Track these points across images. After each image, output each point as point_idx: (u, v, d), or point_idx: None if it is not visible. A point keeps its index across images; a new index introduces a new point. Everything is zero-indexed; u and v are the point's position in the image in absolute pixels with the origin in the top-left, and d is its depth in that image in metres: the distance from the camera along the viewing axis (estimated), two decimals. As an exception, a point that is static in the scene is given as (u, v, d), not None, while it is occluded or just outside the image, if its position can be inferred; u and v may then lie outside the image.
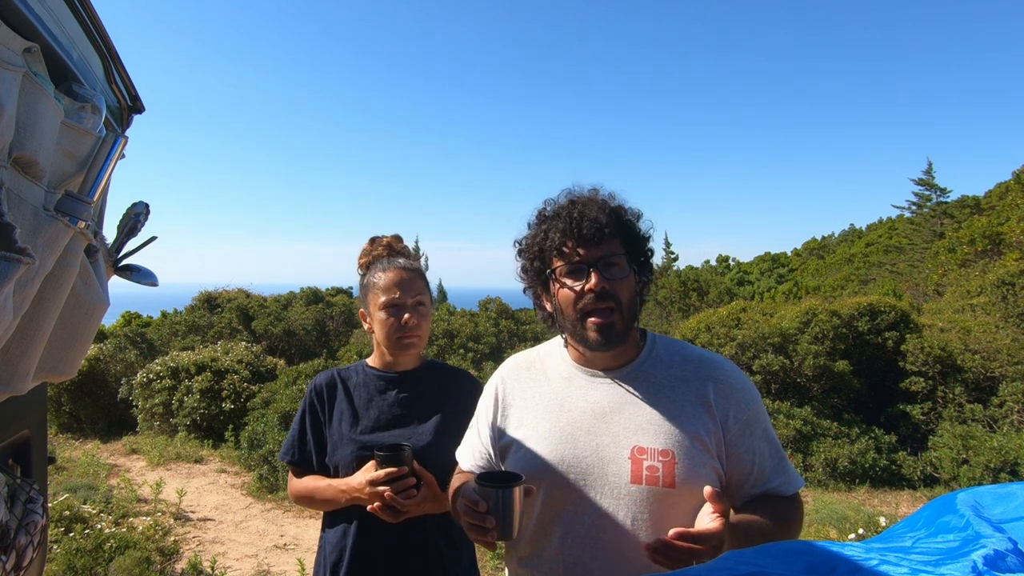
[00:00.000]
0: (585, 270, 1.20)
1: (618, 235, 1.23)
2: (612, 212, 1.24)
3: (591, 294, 1.18)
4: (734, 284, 29.75)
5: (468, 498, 1.14)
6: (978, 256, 13.81)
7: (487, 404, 1.42)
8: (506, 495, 1.11)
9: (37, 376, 0.86)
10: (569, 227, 1.21)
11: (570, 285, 1.21)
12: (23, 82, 0.68)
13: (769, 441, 1.23)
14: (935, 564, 0.68)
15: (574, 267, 1.21)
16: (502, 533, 1.11)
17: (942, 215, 26.33)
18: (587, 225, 1.19)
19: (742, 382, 1.25)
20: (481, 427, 1.42)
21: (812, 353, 7.96)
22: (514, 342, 13.12)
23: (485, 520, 1.10)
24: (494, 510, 1.11)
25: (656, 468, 1.15)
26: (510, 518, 1.11)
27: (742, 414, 1.21)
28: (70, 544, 4.20)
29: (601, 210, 1.22)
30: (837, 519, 5.24)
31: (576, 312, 1.21)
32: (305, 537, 5.27)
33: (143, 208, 1.16)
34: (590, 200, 1.26)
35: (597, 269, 1.19)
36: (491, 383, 1.44)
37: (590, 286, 1.18)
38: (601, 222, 1.20)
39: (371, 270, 1.70)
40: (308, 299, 15.04)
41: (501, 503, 1.11)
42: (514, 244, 1.34)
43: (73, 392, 10.33)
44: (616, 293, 1.19)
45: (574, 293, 1.20)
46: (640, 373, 1.26)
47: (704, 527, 0.99)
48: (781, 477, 1.22)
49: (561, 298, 1.23)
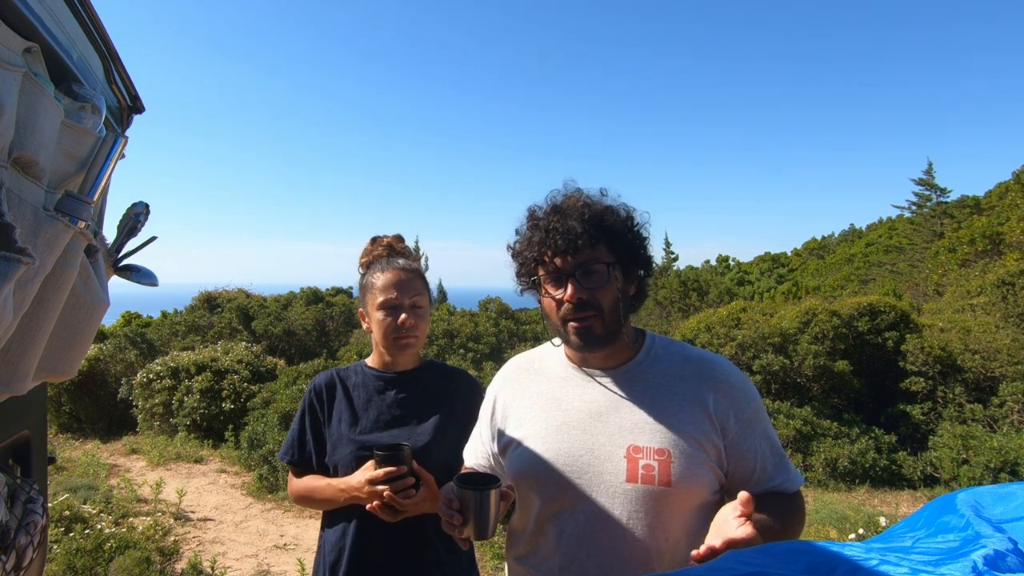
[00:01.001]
0: (563, 280, 1.21)
1: (602, 240, 1.21)
2: (593, 218, 1.22)
3: (569, 304, 1.20)
4: (734, 284, 29.75)
5: (444, 497, 1.20)
6: (978, 256, 13.81)
7: (488, 405, 1.44)
8: (483, 497, 1.14)
9: (37, 376, 0.86)
10: (545, 238, 1.22)
11: (551, 294, 1.24)
12: (23, 82, 0.67)
13: (769, 440, 1.24)
14: (935, 564, 0.68)
15: (553, 277, 1.23)
16: (478, 533, 1.15)
17: (942, 215, 26.33)
18: (561, 236, 1.20)
19: (742, 382, 1.25)
20: (483, 428, 1.44)
21: (812, 353, 7.97)
22: (514, 342, 13.12)
23: (453, 517, 1.16)
24: (470, 510, 1.15)
25: (652, 467, 1.15)
26: (486, 519, 1.15)
27: (743, 414, 1.21)
28: (70, 544, 4.20)
29: (579, 218, 1.21)
30: (837, 519, 5.24)
31: (558, 319, 1.23)
32: (305, 537, 5.27)
33: (143, 208, 1.16)
34: (571, 207, 1.24)
35: (575, 279, 1.19)
36: (492, 385, 1.47)
37: (567, 297, 1.20)
38: (576, 231, 1.19)
39: (370, 270, 1.71)
40: (308, 299, 15.05)
41: (477, 504, 1.15)
42: (507, 248, 1.36)
43: (73, 392, 10.33)
44: (597, 300, 1.20)
45: (555, 302, 1.23)
46: (637, 373, 1.26)
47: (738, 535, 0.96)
48: (783, 475, 1.22)
49: (545, 306, 1.27)
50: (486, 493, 1.14)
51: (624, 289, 1.24)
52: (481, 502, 1.14)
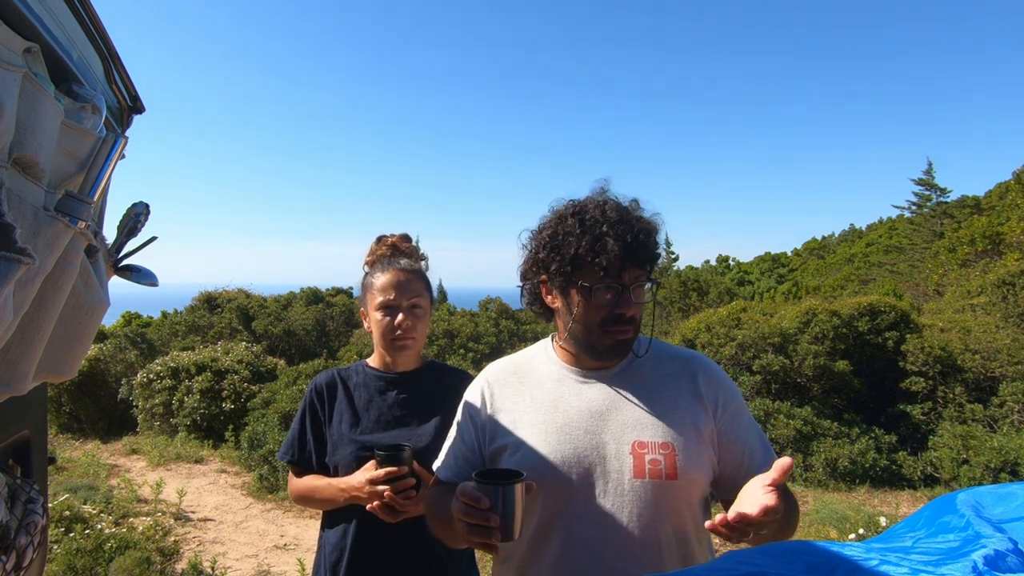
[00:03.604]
0: (619, 291, 1.20)
1: (650, 259, 1.24)
2: (653, 235, 1.24)
3: (620, 314, 1.20)
4: (734, 284, 29.75)
5: (469, 496, 1.04)
6: (978, 256, 13.80)
7: (472, 410, 1.36)
8: (508, 492, 1.03)
9: (37, 376, 0.86)
10: (624, 247, 1.17)
11: (601, 301, 1.20)
12: (23, 82, 0.67)
13: (756, 432, 1.27)
14: (935, 564, 0.68)
15: (611, 285, 1.19)
16: (505, 534, 1.03)
17: (942, 215, 26.34)
18: (642, 250, 1.20)
19: (725, 377, 1.31)
20: (465, 434, 1.35)
21: (812, 353, 7.96)
22: (514, 342, 13.12)
23: (489, 519, 1.02)
24: (495, 509, 1.03)
25: (658, 461, 1.17)
26: (512, 517, 1.03)
27: (730, 404, 1.25)
28: (70, 544, 4.20)
29: (647, 233, 1.22)
30: (837, 519, 5.24)
31: (599, 326, 1.21)
32: (305, 537, 5.27)
33: (143, 208, 1.16)
34: (633, 219, 1.22)
35: (630, 293, 1.20)
36: (474, 389, 1.38)
37: (629, 312, 1.20)
38: (650, 249, 1.21)
39: (372, 270, 1.71)
40: (308, 299, 15.04)
41: (503, 501, 1.03)
42: (534, 232, 1.29)
43: (73, 392, 10.32)
44: (638, 315, 1.24)
45: (604, 309, 1.20)
46: (631, 373, 1.28)
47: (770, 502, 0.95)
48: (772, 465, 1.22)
49: (585, 308, 1.21)
50: (510, 488, 1.03)
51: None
52: (506, 498, 1.03)
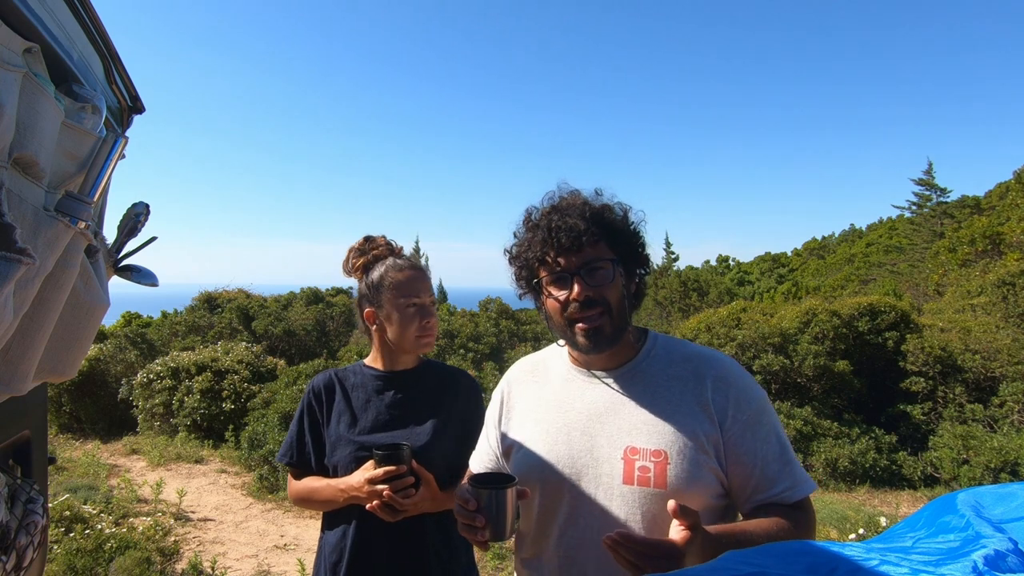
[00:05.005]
0: (568, 279, 1.19)
1: (602, 238, 1.21)
2: (593, 215, 1.22)
3: (576, 303, 1.18)
4: (734, 284, 29.75)
5: (460, 497, 1.14)
6: (978, 256, 13.80)
7: (494, 409, 1.43)
8: (499, 496, 1.10)
9: (37, 376, 0.86)
10: (548, 237, 1.20)
11: (555, 295, 1.21)
12: (23, 82, 0.67)
13: (775, 443, 1.17)
14: (936, 564, 0.68)
15: (557, 277, 1.21)
16: (495, 534, 1.11)
17: (942, 215, 26.34)
18: (565, 234, 1.19)
19: (743, 381, 1.21)
20: (489, 432, 1.43)
21: (812, 353, 7.96)
22: (514, 342, 13.12)
23: (475, 519, 1.10)
24: (487, 511, 1.11)
25: (648, 468, 1.14)
26: (503, 519, 1.11)
27: (741, 414, 1.16)
28: (70, 544, 4.20)
29: (580, 216, 1.20)
30: (837, 519, 5.24)
31: (564, 320, 1.21)
32: (305, 537, 5.27)
33: (143, 208, 1.16)
34: (570, 206, 1.24)
35: (580, 277, 1.18)
36: (498, 388, 1.46)
37: (574, 295, 1.18)
38: (579, 229, 1.19)
39: (384, 268, 1.65)
40: (308, 299, 15.05)
41: (494, 504, 1.10)
42: (504, 252, 1.34)
43: (73, 392, 10.33)
44: (604, 297, 1.19)
45: (559, 302, 1.21)
46: (637, 372, 1.25)
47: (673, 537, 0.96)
48: (786, 482, 1.14)
49: (549, 307, 1.24)
50: (502, 492, 1.10)
51: (627, 286, 1.24)
52: (497, 502, 1.10)
